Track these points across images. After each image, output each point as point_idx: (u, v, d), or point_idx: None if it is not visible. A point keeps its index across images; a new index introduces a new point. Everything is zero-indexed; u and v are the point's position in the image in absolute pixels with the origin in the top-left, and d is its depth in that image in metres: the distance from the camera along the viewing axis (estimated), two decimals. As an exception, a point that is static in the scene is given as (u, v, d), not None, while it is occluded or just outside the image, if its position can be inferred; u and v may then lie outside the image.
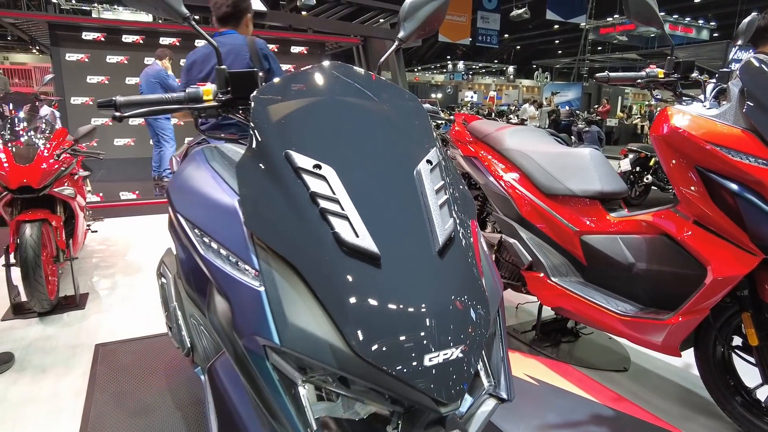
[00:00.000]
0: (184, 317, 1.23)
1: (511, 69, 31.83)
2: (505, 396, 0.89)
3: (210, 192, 0.96)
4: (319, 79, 1.03)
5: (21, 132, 3.14)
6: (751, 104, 1.57)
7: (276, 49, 8.69)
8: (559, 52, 34.66)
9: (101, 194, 6.08)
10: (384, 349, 0.71)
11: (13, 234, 2.78)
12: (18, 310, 3.01)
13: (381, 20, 10.35)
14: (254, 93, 0.99)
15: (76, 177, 3.56)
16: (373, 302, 0.74)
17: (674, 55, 1.85)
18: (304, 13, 11.37)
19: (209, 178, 0.99)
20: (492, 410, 0.88)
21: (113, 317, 2.96)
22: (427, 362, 0.71)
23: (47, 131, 3.30)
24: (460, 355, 0.74)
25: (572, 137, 9.01)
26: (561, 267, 2.25)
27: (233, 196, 0.91)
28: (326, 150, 0.87)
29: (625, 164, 6.63)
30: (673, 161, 1.72)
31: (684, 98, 1.82)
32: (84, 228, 3.74)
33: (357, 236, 0.77)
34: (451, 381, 0.72)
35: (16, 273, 2.78)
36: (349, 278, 0.75)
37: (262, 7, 8.33)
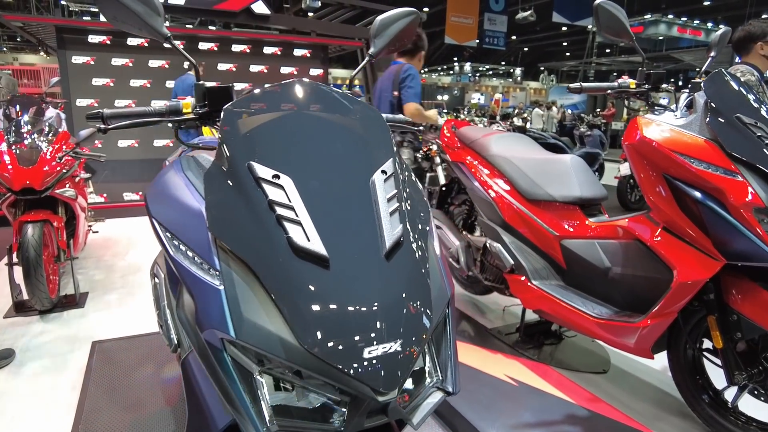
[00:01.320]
0: (172, 315, 1.31)
1: (518, 71, 31.82)
2: (450, 389, 0.96)
3: (181, 198, 1.04)
4: (286, 94, 1.10)
5: (25, 135, 3.24)
6: (714, 116, 1.63)
7: (279, 53, 8.79)
8: (567, 54, 34.61)
9: (105, 195, 6.19)
10: (327, 342, 0.78)
11: (16, 234, 2.88)
12: (20, 308, 3.10)
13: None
14: (225, 106, 1.07)
15: (77, 179, 3.65)
16: (319, 300, 0.81)
17: (645, 67, 1.91)
18: (311, 14, 11.48)
19: (182, 185, 1.07)
20: (437, 402, 0.94)
21: (111, 316, 3.05)
22: (366, 354, 0.78)
23: (50, 134, 3.40)
24: (399, 348, 0.81)
25: (575, 141, 9.03)
26: (542, 270, 2.31)
27: (201, 203, 0.99)
28: (286, 161, 0.94)
29: (625, 168, 6.64)
30: (643, 169, 1.78)
31: (656, 108, 1.88)
32: (85, 229, 3.83)
33: (308, 240, 0.84)
34: (389, 372, 0.79)
35: (18, 272, 2.88)
36: (299, 278, 0.82)
37: (265, 10, 8.44)
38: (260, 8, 8.44)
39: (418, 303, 0.88)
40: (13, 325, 2.91)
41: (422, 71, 40.13)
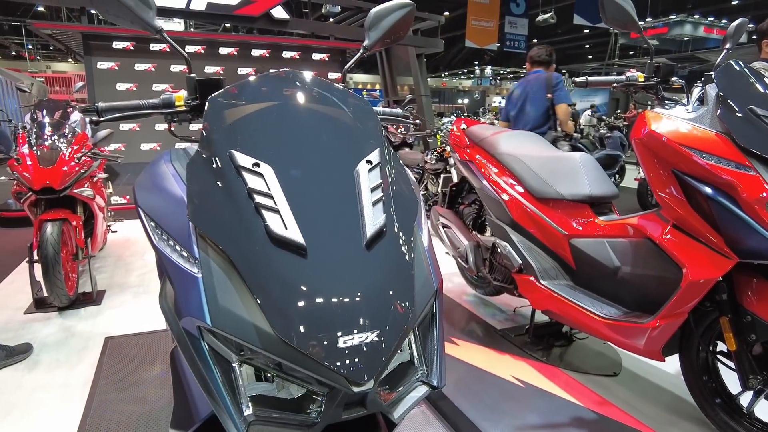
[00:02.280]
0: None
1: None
2: (435, 383, 0.93)
3: (165, 187, 1.04)
4: (272, 84, 1.10)
5: (46, 136, 3.33)
6: (725, 108, 1.57)
7: (297, 57, 8.87)
8: (590, 56, 34.09)
9: (127, 196, 6.32)
10: (302, 330, 0.77)
11: (36, 232, 2.96)
12: (39, 305, 3.18)
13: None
14: (210, 96, 1.07)
15: (95, 179, 3.74)
16: (295, 288, 0.80)
17: (654, 60, 1.85)
18: (331, 20, 11.55)
19: (168, 175, 1.08)
20: (421, 396, 0.92)
21: (126, 313, 3.10)
22: (341, 344, 0.77)
23: (69, 136, 3.49)
24: (375, 339, 0.79)
25: (595, 143, 8.88)
26: (551, 270, 2.26)
27: (184, 192, 0.99)
28: (268, 150, 0.94)
29: (646, 170, 6.50)
30: (652, 165, 1.73)
31: (666, 101, 1.82)
32: (103, 228, 3.92)
33: (286, 228, 0.83)
34: (364, 362, 0.77)
35: (38, 269, 2.95)
36: (276, 267, 0.81)
37: (284, 15, 8.54)
38: (279, 13, 8.55)
39: (399, 294, 0.86)
40: (32, 320, 2.99)
41: (443, 75, 40.08)
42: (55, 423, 1.99)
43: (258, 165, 0.90)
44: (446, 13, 26.51)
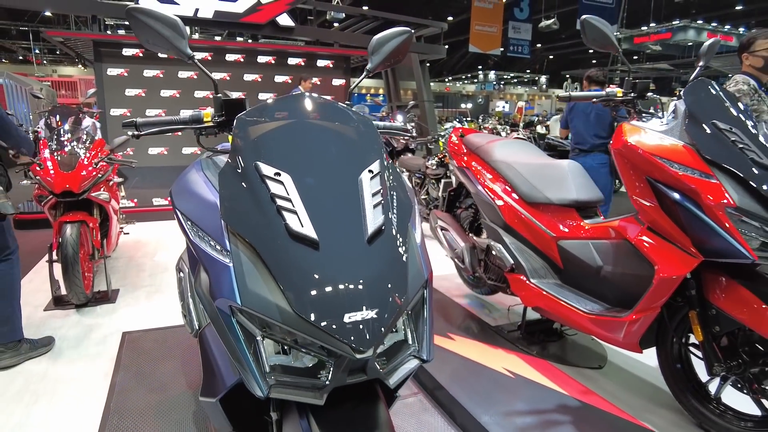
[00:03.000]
0: (195, 304, 1.49)
1: (543, 79, 31.63)
2: (425, 357, 1.11)
3: (200, 192, 1.22)
4: (290, 105, 1.28)
5: (65, 142, 3.52)
6: (691, 122, 1.74)
7: (303, 63, 9.08)
8: (593, 61, 34.28)
9: (135, 200, 6.52)
10: (315, 308, 0.94)
11: (56, 234, 3.14)
12: (58, 302, 3.36)
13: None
14: (238, 115, 1.25)
15: (111, 183, 3.93)
16: (309, 274, 0.97)
17: (631, 77, 2.03)
18: (336, 24, 11.77)
19: (201, 182, 1.26)
20: (413, 368, 1.09)
21: (140, 310, 3.28)
22: (346, 319, 0.94)
23: (87, 141, 3.68)
24: (374, 316, 0.96)
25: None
26: (540, 270, 2.43)
27: (216, 196, 1.17)
28: (287, 161, 1.11)
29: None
30: (628, 172, 1.90)
31: (643, 115, 1.99)
32: (117, 230, 4.11)
33: (302, 226, 1.01)
34: (364, 334, 0.94)
35: (57, 269, 3.14)
36: (294, 257, 0.99)
37: (290, 23, 8.75)
38: (285, 21, 8.75)
39: (394, 281, 1.03)
40: (52, 317, 3.16)
41: (446, 80, 40.21)
42: (81, 409, 2.16)
43: (279, 174, 1.08)
44: (450, 18, 26.76)
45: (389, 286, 1.02)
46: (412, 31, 1.55)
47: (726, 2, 22.36)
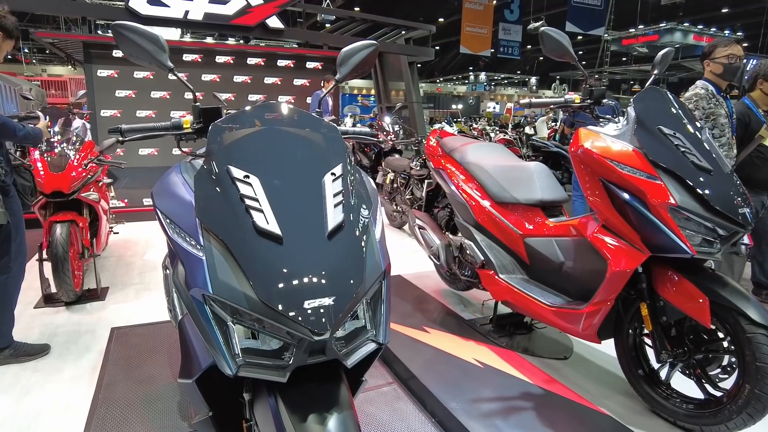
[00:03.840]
0: (178, 298, 1.61)
1: (533, 80, 31.89)
2: (381, 340, 1.23)
3: (177, 193, 1.34)
4: (260, 113, 1.41)
5: (55, 144, 3.61)
6: (639, 127, 1.89)
7: (292, 65, 9.18)
8: (583, 63, 34.62)
9: (126, 200, 6.59)
10: (277, 296, 1.07)
11: (46, 233, 3.23)
12: (48, 300, 3.45)
13: (397, 35, 10.77)
14: (213, 123, 1.37)
15: (100, 184, 4.02)
16: (273, 266, 1.10)
17: (588, 84, 2.17)
18: (328, 25, 11.86)
19: (179, 183, 1.38)
20: (370, 350, 1.22)
21: (128, 307, 3.38)
22: (306, 306, 1.06)
23: (77, 143, 3.77)
24: (332, 303, 1.08)
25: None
26: (508, 266, 2.57)
27: (192, 196, 1.29)
28: (256, 165, 1.24)
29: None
30: (584, 174, 2.04)
31: (600, 120, 2.13)
32: (107, 229, 4.20)
33: (267, 223, 1.13)
34: (322, 319, 1.07)
35: (47, 267, 3.23)
36: (260, 251, 1.11)
37: (279, 25, 8.85)
38: (275, 23, 8.85)
39: (351, 271, 1.16)
40: (42, 314, 3.26)
41: (438, 81, 40.34)
42: (70, 399, 2.27)
43: (248, 176, 1.21)
44: (441, 20, 26.94)
45: (346, 276, 1.15)
46: (378, 44, 1.67)
47: (712, 5, 22.71)
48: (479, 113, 28.83)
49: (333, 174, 1.29)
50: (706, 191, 1.77)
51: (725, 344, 1.88)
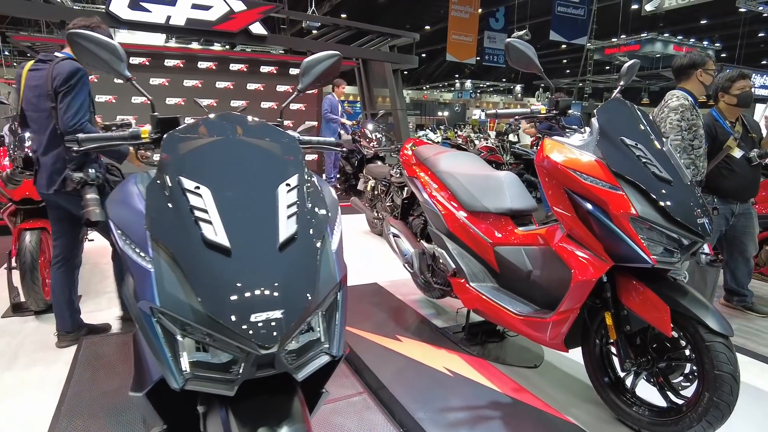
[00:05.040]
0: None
1: (518, 88, 32.16)
2: (334, 353, 1.23)
3: (130, 203, 1.32)
4: (217, 124, 1.40)
5: (26, 148, 3.55)
6: (602, 138, 1.91)
7: (275, 71, 9.17)
8: (567, 71, 35.09)
9: (104, 206, 6.49)
10: (223, 309, 1.06)
11: (15, 241, 3.17)
12: (17, 309, 3.37)
13: (381, 42, 10.81)
14: (167, 133, 1.36)
15: (74, 190, 3.96)
16: (220, 278, 1.09)
17: (554, 95, 2.19)
18: (315, 31, 11.88)
19: (133, 194, 1.36)
20: (322, 363, 1.21)
21: (101, 317, 3.32)
22: (252, 319, 1.05)
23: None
24: (280, 316, 1.08)
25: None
26: (479, 274, 2.58)
27: (144, 207, 1.27)
28: (208, 176, 1.23)
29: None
30: (548, 184, 2.06)
31: (567, 130, 2.15)
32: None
33: (216, 235, 1.12)
34: (269, 332, 1.06)
35: (17, 276, 3.16)
36: (207, 263, 1.10)
37: (262, 31, 8.84)
38: (258, 29, 8.82)
39: (302, 284, 1.15)
40: (10, 323, 3.19)
41: (424, 88, 40.61)
42: (32, 413, 2.21)
43: (198, 188, 1.19)
44: (427, 27, 27.13)
45: (297, 288, 1.14)
46: (341, 55, 1.68)
47: (691, 17, 23.20)
48: (465, 120, 29.03)
49: (288, 185, 1.28)
50: (667, 202, 1.80)
51: (687, 353, 1.91)
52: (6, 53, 25.04)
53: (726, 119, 3.30)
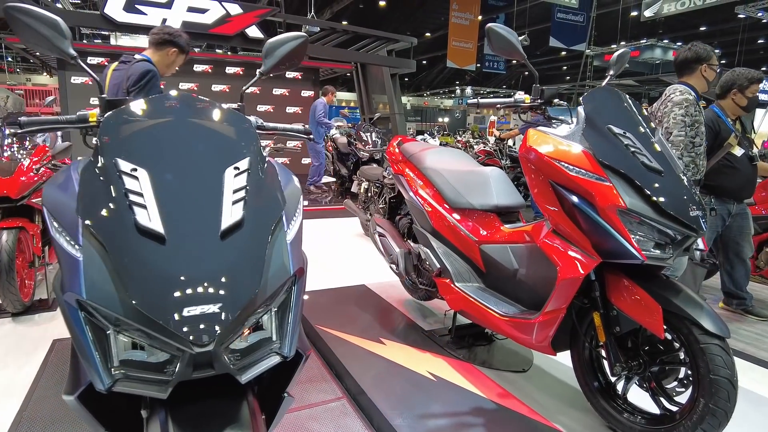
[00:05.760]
0: None
1: (518, 94, 32.19)
2: (285, 353, 1.11)
3: (65, 189, 1.22)
4: (164, 104, 1.30)
5: (5, 147, 3.47)
6: (588, 127, 1.81)
7: (271, 75, 9.10)
8: (567, 77, 35.06)
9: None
10: (153, 301, 0.95)
11: (-8, 240, 3.08)
12: (-7, 310, 3.28)
13: (380, 46, 10.77)
14: (107, 114, 1.26)
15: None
16: (152, 268, 0.98)
17: (539, 84, 2.09)
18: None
19: (71, 179, 1.25)
20: (272, 364, 1.10)
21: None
22: (185, 313, 0.94)
23: (29, 147, 3.63)
24: (217, 310, 0.96)
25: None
26: (465, 273, 2.47)
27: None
28: (146, 158, 1.12)
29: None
30: (532, 176, 1.95)
31: (553, 120, 2.05)
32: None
33: (150, 221, 1.02)
34: (205, 328, 0.95)
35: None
36: (139, 251, 0.99)
37: (259, 35, 8.79)
38: (254, 32, 8.79)
39: (245, 275, 1.04)
40: (-16, 325, 3.08)
41: (425, 94, 40.72)
42: (-7, 416, 2.11)
43: (135, 170, 1.09)
44: (428, 34, 27.16)
45: (240, 280, 1.03)
46: (307, 36, 1.58)
47: (691, 24, 23.16)
48: (465, 126, 28.98)
49: (237, 168, 1.18)
50: (657, 194, 1.69)
51: (681, 356, 1.79)
52: (9, 59, 25.13)
53: (728, 116, 3.20)
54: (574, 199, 1.79)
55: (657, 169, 1.72)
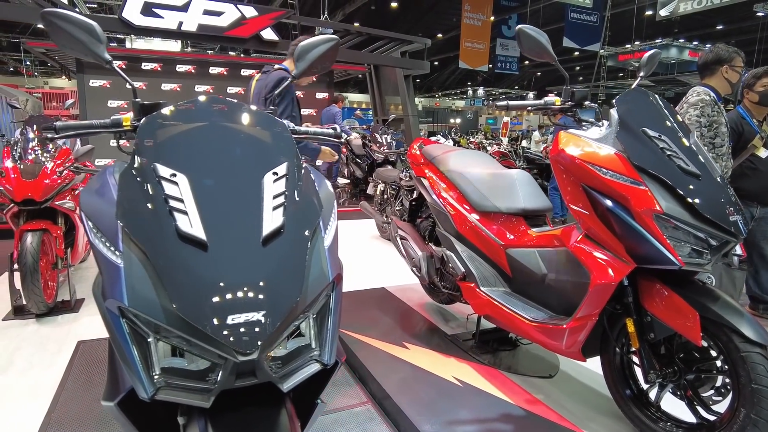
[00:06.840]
0: None
1: (531, 95, 31.97)
2: (326, 361, 1.10)
3: (103, 194, 1.21)
4: (200, 108, 1.29)
5: (30, 151, 3.51)
6: (623, 129, 1.77)
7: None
8: (580, 78, 34.78)
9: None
10: (197, 309, 0.93)
11: (17, 242, 3.11)
12: (18, 312, 3.32)
13: (392, 48, 10.75)
14: (143, 118, 1.26)
15: (77, 192, 3.90)
16: (195, 275, 0.97)
17: (570, 86, 2.05)
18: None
19: (108, 184, 1.25)
20: (312, 372, 1.08)
21: (101, 319, 3.24)
22: (230, 321, 0.93)
23: (53, 150, 3.67)
24: (261, 318, 0.95)
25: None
26: (490, 278, 2.44)
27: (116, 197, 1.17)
28: (185, 163, 1.12)
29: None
30: (564, 179, 1.92)
31: (583, 123, 2.02)
32: (84, 239, 4.07)
33: (191, 227, 1.01)
34: (249, 336, 0.93)
35: (17, 278, 3.09)
36: (181, 258, 0.98)
37: (273, 37, 8.82)
38: (269, 35, 8.82)
39: (288, 282, 1.03)
40: (9, 327, 3.12)
41: (437, 95, 40.70)
42: (22, 418, 2.12)
43: (175, 175, 1.08)
44: (440, 35, 27.11)
45: (282, 287, 1.02)
46: (338, 39, 1.57)
47: (707, 23, 22.86)
48: (477, 127, 28.88)
49: (275, 173, 1.17)
50: (695, 198, 1.65)
51: (718, 364, 1.75)
52: (27, 63, 25.54)
53: (753, 117, 3.14)
54: (608, 203, 1.76)
55: (694, 173, 1.68)
